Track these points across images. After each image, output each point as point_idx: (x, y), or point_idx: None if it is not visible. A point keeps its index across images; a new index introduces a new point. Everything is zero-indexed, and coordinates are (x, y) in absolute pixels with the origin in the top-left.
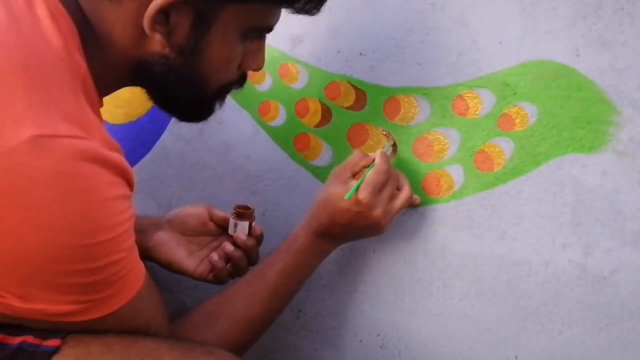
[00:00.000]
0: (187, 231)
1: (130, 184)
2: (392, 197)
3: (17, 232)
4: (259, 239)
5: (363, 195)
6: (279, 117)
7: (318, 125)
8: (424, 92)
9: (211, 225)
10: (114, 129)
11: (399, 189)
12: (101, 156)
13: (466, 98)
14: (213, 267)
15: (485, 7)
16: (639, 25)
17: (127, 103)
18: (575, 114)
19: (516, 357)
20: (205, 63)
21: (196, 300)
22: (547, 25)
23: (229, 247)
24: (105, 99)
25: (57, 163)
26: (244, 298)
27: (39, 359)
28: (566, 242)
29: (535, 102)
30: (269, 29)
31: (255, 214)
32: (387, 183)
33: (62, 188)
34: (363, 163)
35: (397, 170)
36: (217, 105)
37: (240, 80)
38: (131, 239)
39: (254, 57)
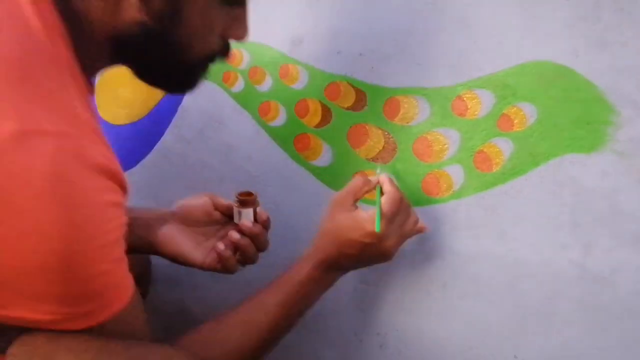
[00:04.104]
0: (193, 222)
1: (122, 187)
2: (402, 225)
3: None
4: (266, 225)
5: (380, 228)
6: (279, 118)
7: (318, 126)
8: (424, 92)
9: (216, 214)
10: (116, 130)
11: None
12: (90, 157)
13: (466, 98)
14: (220, 257)
15: (485, 7)
16: (638, 26)
17: (128, 104)
18: (575, 114)
19: (516, 357)
20: (186, 29)
21: (196, 299)
22: (547, 25)
23: (235, 235)
24: (107, 100)
25: (44, 163)
26: (242, 327)
27: None
28: (566, 242)
29: (535, 103)
30: None
31: (259, 198)
32: (398, 212)
33: (48, 190)
34: (366, 189)
35: (403, 195)
36: (202, 75)
37: (224, 50)
38: (120, 250)
39: (237, 25)
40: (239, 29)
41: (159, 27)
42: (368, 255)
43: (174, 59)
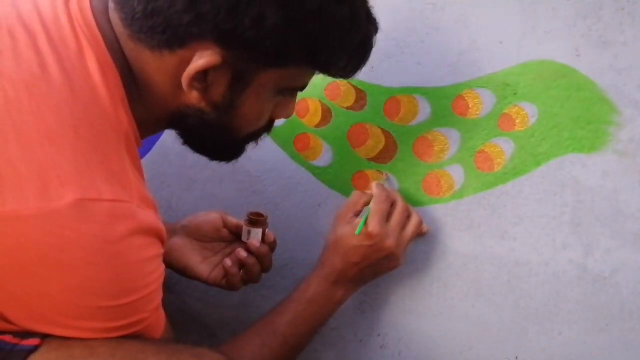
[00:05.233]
0: (201, 237)
1: (162, 240)
2: (402, 226)
3: (45, 287)
4: (272, 246)
5: (372, 226)
6: None
7: (318, 125)
8: (424, 92)
9: (225, 231)
10: None
11: (407, 217)
12: (138, 221)
13: (466, 98)
14: (226, 273)
15: (485, 7)
16: (639, 25)
17: None
18: (576, 114)
19: (516, 357)
20: (239, 118)
21: (197, 299)
22: (547, 25)
23: (242, 253)
24: None
25: (96, 227)
26: (253, 348)
27: (15, 358)
28: (566, 242)
29: (536, 102)
30: (303, 87)
31: (268, 220)
32: (394, 211)
33: (97, 251)
34: (363, 200)
35: (399, 197)
36: (245, 149)
37: (269, 127)
38: (157, 300)
39: (285, 108)
40: (286, 110)
41: (214, 115)
42: (373, 260)
43: (223, 139)
